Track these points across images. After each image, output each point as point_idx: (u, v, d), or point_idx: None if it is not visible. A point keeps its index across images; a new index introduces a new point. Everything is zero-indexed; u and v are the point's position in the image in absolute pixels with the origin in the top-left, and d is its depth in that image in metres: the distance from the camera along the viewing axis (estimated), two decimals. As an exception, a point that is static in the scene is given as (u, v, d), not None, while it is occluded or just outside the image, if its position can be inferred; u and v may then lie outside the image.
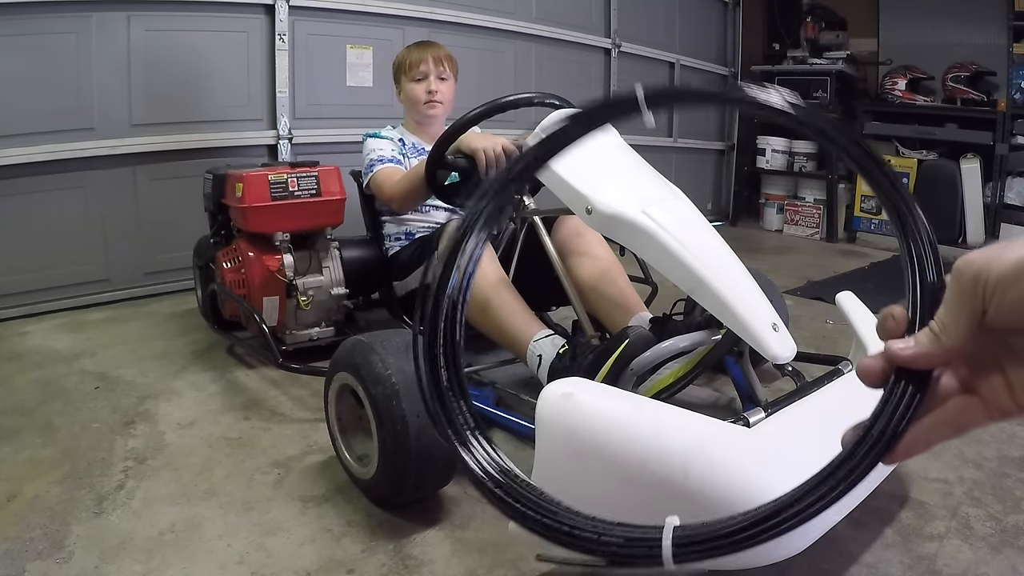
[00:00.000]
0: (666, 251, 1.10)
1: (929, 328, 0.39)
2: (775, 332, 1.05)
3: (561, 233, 1.59)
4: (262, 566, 1.00)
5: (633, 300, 1.47)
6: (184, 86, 2.50)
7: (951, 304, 0.39)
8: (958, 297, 0.38)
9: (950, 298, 0.39)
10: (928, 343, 0.39)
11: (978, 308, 0.37)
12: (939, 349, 0.39)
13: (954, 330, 0.38)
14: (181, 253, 2.38)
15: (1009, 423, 1.52)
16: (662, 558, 0.43)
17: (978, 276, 0.37)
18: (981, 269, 0.37)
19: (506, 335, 1.40)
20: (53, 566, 0.99)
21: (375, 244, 1.92)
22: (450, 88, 1.88)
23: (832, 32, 4.63)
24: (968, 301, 0.38)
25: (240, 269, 1.81)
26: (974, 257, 0.37)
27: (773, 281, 1.64)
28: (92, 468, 1.28)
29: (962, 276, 0.38)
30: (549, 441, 0.87)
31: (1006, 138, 3.79)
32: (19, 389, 1.65)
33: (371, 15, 2.88)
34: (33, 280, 2.28)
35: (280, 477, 1.26)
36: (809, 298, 2.67)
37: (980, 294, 0.37)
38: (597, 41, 3.86)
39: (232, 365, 1.84)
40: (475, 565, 1.01)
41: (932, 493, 1.22)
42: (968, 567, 1.02)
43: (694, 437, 0.87)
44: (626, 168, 1.31)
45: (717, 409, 1.56)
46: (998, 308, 0.37)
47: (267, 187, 1.73)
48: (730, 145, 4.96)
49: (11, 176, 2.18)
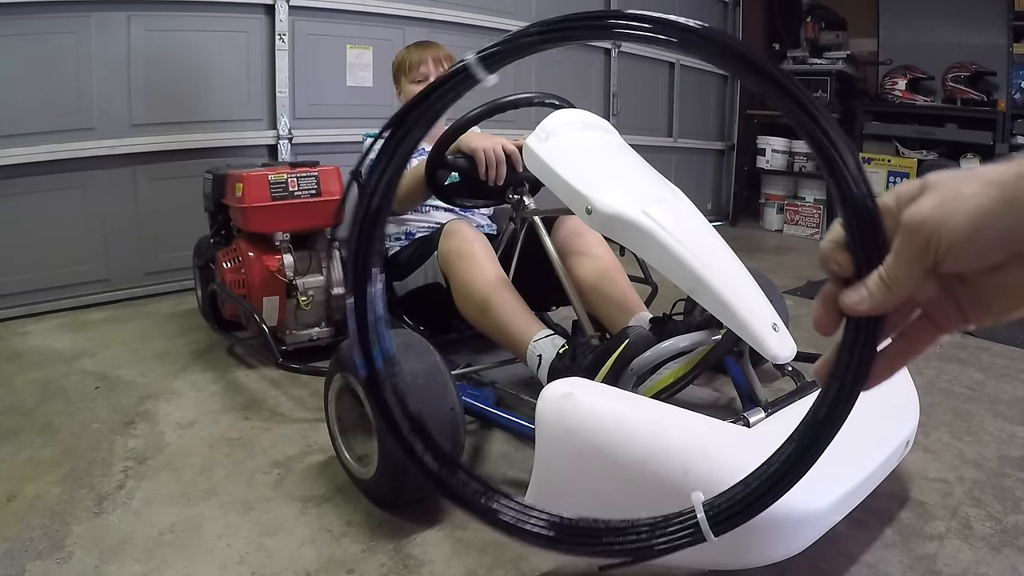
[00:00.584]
0: (666, 251, 1.10)
1: (880, 278, 0.39)
2: (775, 332, 1.05)
3: (561, 233, 1.59)
4: (262, 566, 1.00)
5: (633, 300, 1.47)
6: (184, 86, 2.50)
7: (903, 259, 0.38)
8: (911, 256, 0.38)
9: (902, 253, 0.38)
10: (881, 295, 0.39)
11: (930, 264, 0.37)
12: (891, 299, 0.39)
13: (906, 283, 0.38)
14: (181, 253, 2.38)
15: (1009, 423, 1.52)
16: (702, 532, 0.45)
17: (930, 239, 0.36)
18: (933, 233, 0.36)
19: (506, 335, 1.40)
20: (53, 566, 0.99)
21: (375, 244, 1.92)
22: (450, 88, 1.88)
23: (832, 32, 4.63)
24: (920, 260, 0.37)
25: (240, 269, 1.81)
26: (925, 215, 0.36)
27: (773, 281, 1.65)
28: (92, 468, 1.28)
29: (915, 236, 0.37)
30: (549, 441, 0.87)
31: (1006, 138, 3.79)
32: (19, 389, 1.65)
33: (371, 15, 2.88)
34: (33, 280, 2.28)
35: (280, 477, 1.26)
36: (809, 298, 2.67)
37: (932, 253, 0.37)
38: (597, 41, 3.86)
39: (232, 365, 1.84)
40: (475, 565, 1.01)
41: (932, 493, 1.22)
42: (968, 567, 1.02)
43: (694, 437, 0.87)
44: (626, 168, 1.31)
45: (717, 409, 1.56)
46: (953, 264, 0.37)
47: (267, 187, 1.73)
48: (730, 145, 4.96)
49: (11, 176, 2.18)
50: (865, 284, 0.39)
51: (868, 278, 0.39)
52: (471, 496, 0.48)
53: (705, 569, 0.96)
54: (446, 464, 0.49)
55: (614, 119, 3.86)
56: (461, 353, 1.82)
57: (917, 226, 0.37)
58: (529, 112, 1.92)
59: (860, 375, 0.41)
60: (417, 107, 0.48)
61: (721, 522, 0.45)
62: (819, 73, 4.43)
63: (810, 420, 0.43)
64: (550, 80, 3.52)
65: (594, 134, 1.37)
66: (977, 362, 1.96)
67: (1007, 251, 0.35)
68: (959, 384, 1.78)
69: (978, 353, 2.04)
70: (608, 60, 3.95)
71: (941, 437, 1.45)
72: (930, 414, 1.53)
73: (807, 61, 4.55)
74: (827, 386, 0.42)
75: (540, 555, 1.02)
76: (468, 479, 0.49)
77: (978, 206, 0.35)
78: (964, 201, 0.35)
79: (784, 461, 0.43)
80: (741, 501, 0.45)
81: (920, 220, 0.36)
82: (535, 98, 1.57)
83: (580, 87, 3.76)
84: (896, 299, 0.39)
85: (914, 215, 0.37)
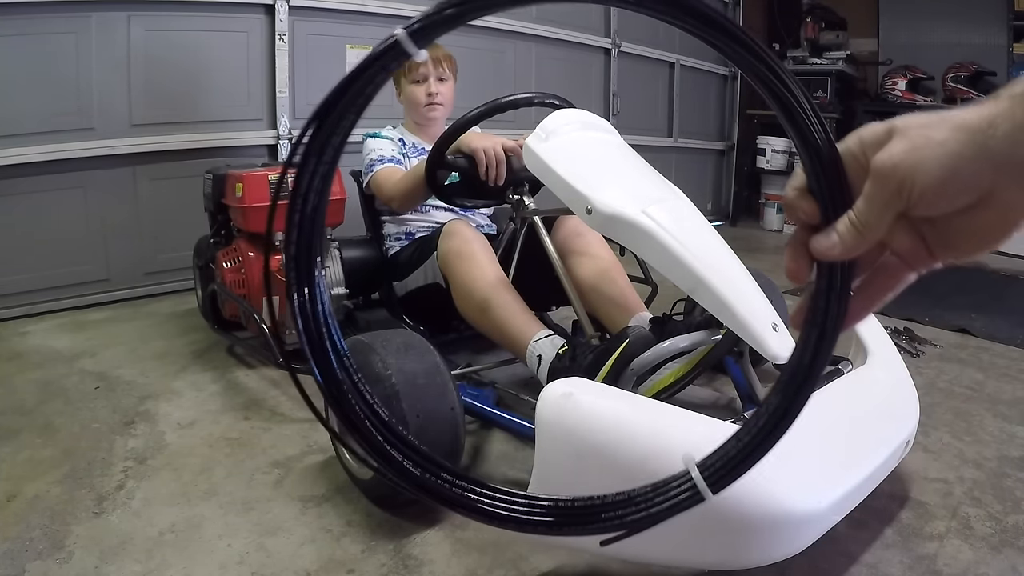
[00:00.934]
0: (666, 251, 1.10)
1: (850, 222, 0.39)
2: (775, 332, 1.05)
3: (561, 233, 1.59)
4: (262, 566, 1.00)
5: (633, 300, 1.47)
6: (184, 86, 2.50)
7: (874, 204, 0.38)
8: (882, 201, 0.38)
9: (873, 198, 0.38)
10: (852, 240, 0.39)
11: (901, 208, 0.38)
12: (863, 243, 0.39)
13: (877, 227, 0.39)
14: (181, 253, 2.38)
15: (1009, 423, 1.52)
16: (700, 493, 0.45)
17: (903, 184, 0.37)
18: (906, 178, 0.37)
19: (506, 335, 1.40)
20: (53, 566, 0.99)
21: (375, 244, 1.92)
22: (450, 89, 1.88)
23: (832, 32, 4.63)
24: (892, 204, 0.38)
25: (240, 269, 1.81)
26: (897, 160, 0.37)
27: (773, 281, 1.64)
28: (92, 468, 1.28)
29: (886, 181, 0.37)
30: (549, 441, 0.87)
31: (1006, 138, 3.78)
32: (19, 389, 1.65)
33: (371, 15, 2.88)
34: (33, 280, 2.28)
35: (280, 477, 1.26)
36: (809, 298, 2.67)
37: (905, 198, 0.37)
38: (597, 41, 3.86)
39: (232, 365, 1.84)
40: (475, 565, 1.01)
41: (932, 493, 1.22)
42: (968, 567, 1.02)
43: (694, 437, 0.87)
44: (626, 168, 1.31)
45: (717, 409, 1.56)
46: (925, 209, 0.38)
47: (267, 187, 1.73)
48: (730, 145, 4.96)
49: (11, 176, 2.18)
50: (835, 229, 0.40)
51: (838, 223, 0.40)
52: (463, 497, 0.48)
53: (705, 569, 0.96)
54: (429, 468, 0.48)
55: (614, 119, 3.85)
56: (461, 353, 1.82)
57: (889, 171, 0.37)
58: (529, 112, 1.92)
59: (838, 319, 0.41)
60: (346, 92, 0.43)
61: (718, 480, 0.45)
62: (819, 73, 4.43)
63: (793, 368, 0.43)
64: (550, 80, 3.52)
65: (594, 134, 1.37)
66: (977, 362, 1.96)
67: (976, 195, 0.36)
68: (959, 384, 1.78)
69: (978, 353, 2.04)
70: (608, 60, 3.95)
71: (941, 437, 1.45)
72: (930, 414, 1.53)
73: (807, 61, 4.55)
74: (806, 333, 0.42)
75: (540, 555, 1.03)
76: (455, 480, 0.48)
77: (950, 152, 0.35)
78: (936, 147, 0.36)
79: (773, 413, 0.43)
80: (736, 457, 0.45)
81: (892, 165, 0.37)
82: (535, 98, 1.57)
83: (580, 87, 3.76)
84: (867, 243, 0.39)
85: (885, 160, 0.37)
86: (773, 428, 0.43)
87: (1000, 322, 2.36)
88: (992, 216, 0.37)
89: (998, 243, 0.39)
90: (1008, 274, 3.33)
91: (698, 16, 0.39)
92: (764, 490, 0.83)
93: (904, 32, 4.54)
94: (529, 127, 1.41)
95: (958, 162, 0.35)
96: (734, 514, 0.81)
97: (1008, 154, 0.34)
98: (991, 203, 0.36)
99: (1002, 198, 0.36)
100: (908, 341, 2.07)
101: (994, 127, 0.34)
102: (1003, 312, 2.51)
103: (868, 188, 0.38)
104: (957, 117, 0.36)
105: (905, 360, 1.16)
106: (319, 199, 0.45)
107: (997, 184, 0.35)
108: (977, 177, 0.35)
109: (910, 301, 2.58)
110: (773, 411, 0.43)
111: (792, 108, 0.39)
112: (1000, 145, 0.34)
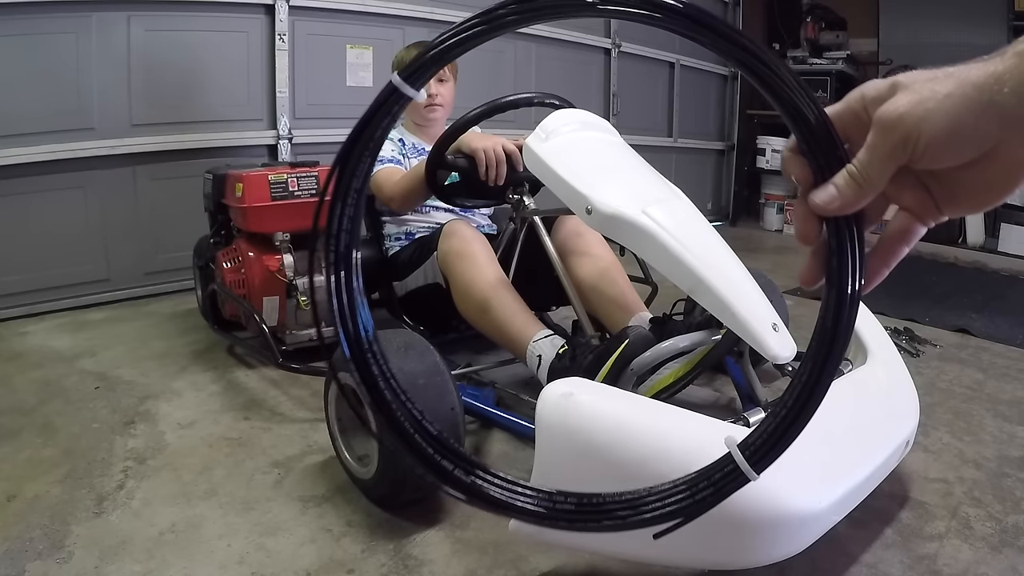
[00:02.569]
0: (666, 251, 1.10)
1: (848, 175, 0.39)
2: (775, 332, 1.05)
3: (561, 233, 1.59)
4: (262, 566, 1.00)
5: (633, 300, 1.47)
6: (184, 86, 2.50)
7: (876, 155, 0.38)
8: (886, 152, 0.38)
9: (876, 148, 0.38)
10: (851, 192, 0.39)
11: (904, 161, 0.38)
12: (862, 196, 0.39)
13: (878, 179, 0.38)
14: (181, 253, 2.38)
15: (1009, 423, 1.52)
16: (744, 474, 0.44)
17: (909, 136, 0.37)
18: (912, 129, 0.36)
19: (506, 335, 1.40)
20: (53, 566, 0.99)
21: (375, 244, 1.92)
22: (450, 89, 1.88)
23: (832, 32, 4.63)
24: (895, 156, 0.38)
25: (240, 269, 1.81)
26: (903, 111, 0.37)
27: (773, 281, 1.64)
28: (92, 468, 1.28)
29: (891, 132, 0.37)
30: (549, 441, 0.87)
31: (1006, 138, 3.78)
32: (19, 389, 1.65)
33: (371, 15, 2.88)
34: (33, 280, 2.28)
35: (280, 477, 1.26)
36: (809, 298, 2.67)
37: (910, 150, 0.37)
38: (597, 41, 3.86)
39: (232, 365, 1.84)
40: (475, 565, 1.01)
41: (932, 493, 1.22)
42: (968, 567, 1.02)
43: (694, 437, 0.87)
44: (626, 168, 1.31)
45: (717, 409, 1.56)
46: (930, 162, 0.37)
47: (267, 187, 1.73)
48: (730, 145, 4.96)
49: (11, 176, 2.18)
50: (834, 183, 0.40)
51: (836, 176, 0.40)
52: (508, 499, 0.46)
53: (705, 569, 0.96)
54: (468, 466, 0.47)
55: (614, 119, 3.85)
56: (461, 353, 1.82)
57: (894, 122, 0.37)
58: (529, 112, 1.92)
59: (856, 276, 0.41)
60: (358, 140, 0.47)
61: (760, 459, 0.44)
62: (819, 73, 4.43)
63: (819, 333, 0.42)
64: (550, 80, 3.52)
65: (594, 134, 1.37)
66: (977, 362, 1.96)
67: (982, 149, 0.36)
68: (959, 384, 1.78)
69: (978, 353, 2.04)
70: (608, 60, 3.95)
71: (941, 437, 1.45)
72: (930, 414, 1.53)
73: (807, 61, 4.55)
74: (826, 296, 0.42)
75: (540, 555, 1.03)
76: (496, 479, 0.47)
77: (957, 105, 0.35)
78: (943, 100, 0.36)
79: (806, 381, 0.43)
80: (775, 432, 0.44)
81: (898, 116, 0.37)
82: (535, 98, 1.57)
83: (580, 87, 3.76)
84: (867, 196, 0.39)
85: (890, 112, 0.37)
86: (808, 399, 0.43)
87: (1000, 322, 2.36)
88: (997, 171, 0.37)
89: (1002, 198, 0.39)
90: (1008, 274, 3.33)
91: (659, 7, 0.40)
92: (764, 490, 0.83)
93: (904, 32, 4.54)
94: (529, 127, 1.41)
95: (965, 116, 0.35)
96: (734, 514, 0.81)
97: (1015, 109, 0.35)
98: (996, 158, 0.37)
99: (1008, 153, 0.36)
100: (908, 341, 2.07)
101: (1001, 83, 0.35)
102: (1003, 312, 2.51)
103: (871, 139, 0.38)
104: (963, 72, 0.36)
105: (905, 360, 1.16)
106: (351, 239, 0.47)
107: (1003, 139, 0.36)
108: (983, 131, 0.36)
109: (910, 301, 2.59)
110: (805, 380, 0.43)
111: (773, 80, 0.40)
112: (1007, 100, 0.34)
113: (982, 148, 0.36)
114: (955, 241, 3.86)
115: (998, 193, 0.38)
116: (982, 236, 3.84)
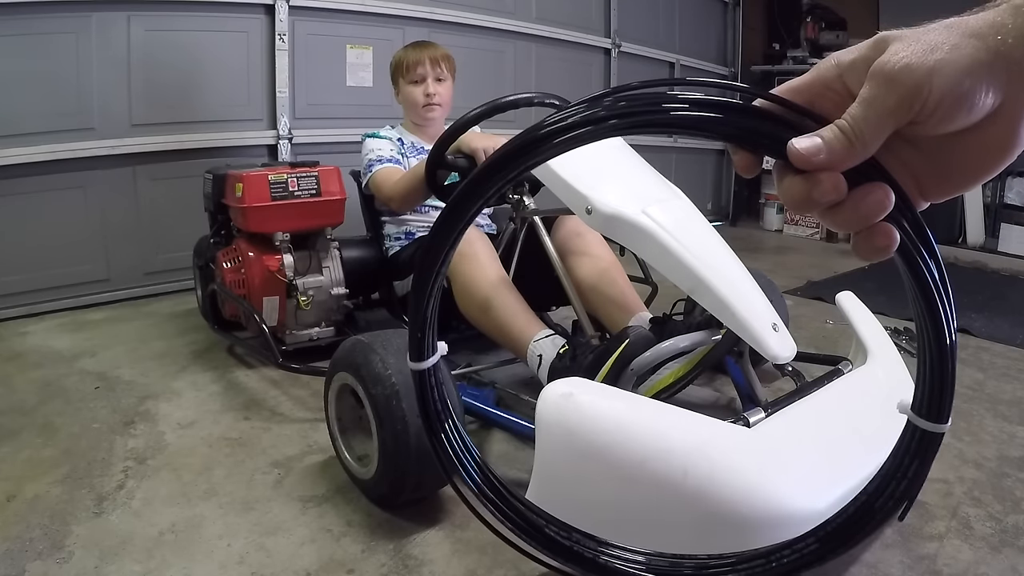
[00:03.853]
0: (666, 251, 1.10)
1: (840, 130, 0.34)
2: (775, 332, 1.05)
3: (561, 233, 1.59)
4: (262, 566, 1.00)
5: (633, 300, 1.47)
6: (184, 86, 2.50)
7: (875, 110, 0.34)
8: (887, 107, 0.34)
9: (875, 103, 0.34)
10: (840, 148, 0.34)
11: (906, 120, 0.34)
12: (851, 156, 0.34)
13: (872, 139, 0.34)
14: (181, 253, 2.38)
15: (1009, 423, 1.52)
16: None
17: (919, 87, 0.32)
18: (922, 82, 0.32)
19: (506, 335, 1.40)
20: (53, 566, 0.99)
21: (375, 244, 1.92)
22: (448, 89, 1.88)
23: (832, 32, 4.63)
24: (898, 114, 0.34)
25: (240, 269, 1.81)
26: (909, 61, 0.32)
27: (773, 281, 1.64)
28: (92, 468, 1.28)
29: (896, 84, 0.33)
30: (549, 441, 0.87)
31: (1006, 138, 3.78)
32: (19, 389, 1.65)
33: (371, 15, 2.88)
34: (33, 280, 2.28)
35: (280, 477, 1.26)
36: (809, 298, 2.67)
37: (917, 107, 0.33)
38: (597, 41, 3.86)
39: (232, 365, 1.84)
40: (475, 565, 1.01)
41: (932, 493, 1.22)
42: (968, 567, 1.02)
43: (694, 437, 0.87)
44: (626, 168, 1.31)
45: (717, 409, 1.56)
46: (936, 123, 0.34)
47: (267, 187, 1.73)
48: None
49: (11, 176, 2.18)
50: (819, 134, 0.35)
51: (823, 129, 0.35)
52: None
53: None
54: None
55: (614, 119, 3.84)
56: (461, 353, 1.82)
57: (900, 73, 0.33)
58: (529, 112, 1.92)
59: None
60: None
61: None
62: (819, 73, 4.43)
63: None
64: (550, 80, 3.52)
65: (594, 134, 1.37)
66: (977, 362, 1.96)
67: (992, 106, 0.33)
68: (959, 384, 1.76)
69: (978, 353, 2.04)
70: (608, 60, 3.95)
71: (941, 437, 1.44)
72: (930, 414, 1.53)
73: (807, 61, 4.55)
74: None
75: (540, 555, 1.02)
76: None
77: (968, 55, 0.32)
78: (952, 50, 0.32)
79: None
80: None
81: (904, 66, 0.33)
82: (535, 98, 1.57)
83: (580, 87, 3.76)
84: (856, 156, 0.34)
85: (894, 63, 0.33)
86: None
87: (1000, 322, 2.36)
88: (998, 132, 0.34)
89: (999, 166, 0.36)
90: (1008, 274, 3.33)
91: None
92: (764, 490, 0.83)
93: (904, 32, 4.54)
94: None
95: (978, 67, 0.32)
96: (734, 514, 0.81)
97: (1021, 60, 0.32)
98: (998, 118, 0.34)
99: (1011, 109, 0.34)
100: (908, 341, 2.07)
101: (1003, 33, 0.32)
102: (1003, 312, 2.51)
103: (868, 93, 0.34)
104: (962, 24, 0.33)
105: (905, 360, 1.16)
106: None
107: (1009, 94, 0.33)
108: (995, 85, 0.33)
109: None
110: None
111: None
112: (1011, 51, 0.32)
113: (992, 105, 0.33)
114: (955, 241, 3.86)
115: (996, 160, 0.35)
116: (982, 236, 3.84)
